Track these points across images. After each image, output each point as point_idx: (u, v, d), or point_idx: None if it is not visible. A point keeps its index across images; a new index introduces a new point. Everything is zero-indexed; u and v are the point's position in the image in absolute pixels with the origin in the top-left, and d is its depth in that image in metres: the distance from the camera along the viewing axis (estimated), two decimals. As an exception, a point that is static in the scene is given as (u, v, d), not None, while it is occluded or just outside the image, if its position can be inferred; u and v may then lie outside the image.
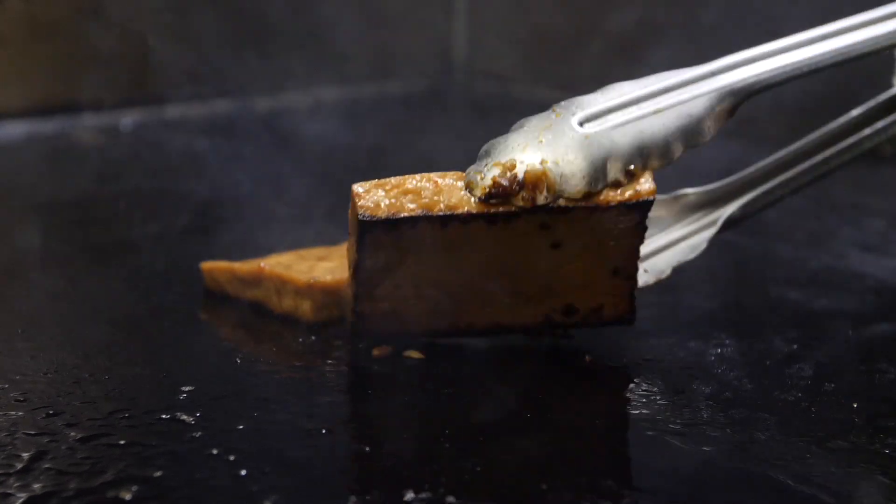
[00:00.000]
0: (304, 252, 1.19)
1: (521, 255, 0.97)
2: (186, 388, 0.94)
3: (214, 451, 0.84)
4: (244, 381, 0.98)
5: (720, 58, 1.01)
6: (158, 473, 0.81)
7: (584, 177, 0.94)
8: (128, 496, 0.77)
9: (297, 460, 0.83)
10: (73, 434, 0.86)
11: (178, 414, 0.90)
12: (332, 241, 1.23)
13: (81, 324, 1.12)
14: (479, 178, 0.94)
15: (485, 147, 0.96)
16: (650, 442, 0.89)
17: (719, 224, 1.12)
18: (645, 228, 0.97)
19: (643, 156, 0.96)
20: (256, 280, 1.13)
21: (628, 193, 0.94)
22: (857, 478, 0.84)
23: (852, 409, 0.94)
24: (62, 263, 1.34)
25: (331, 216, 1.54)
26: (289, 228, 1.46)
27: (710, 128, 1.00)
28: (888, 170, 1.89)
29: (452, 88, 2.72)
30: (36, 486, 0.79)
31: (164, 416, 0.89)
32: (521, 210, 0.93)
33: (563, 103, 0.98)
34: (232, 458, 0.83)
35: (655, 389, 0.98)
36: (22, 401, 0.92)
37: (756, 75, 1.00)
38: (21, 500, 0.77)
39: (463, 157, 0.98)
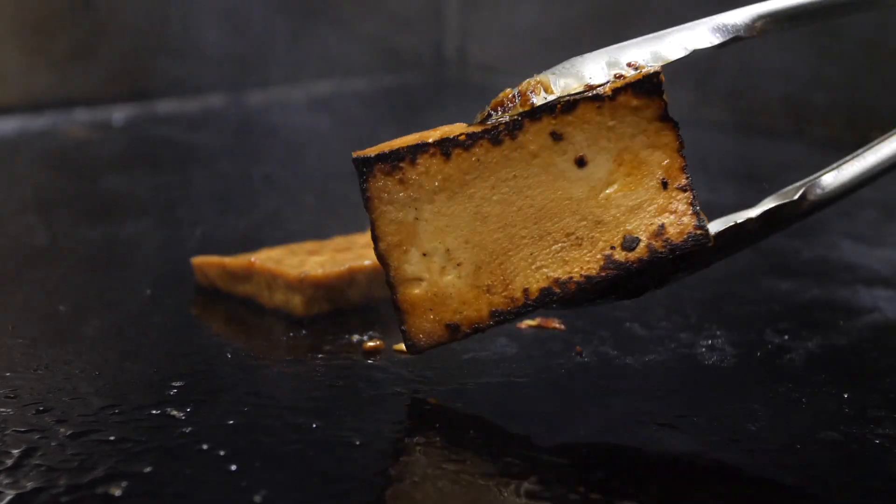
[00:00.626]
0: (294, 246, 1.19)
1: (548, 183, 0.87)
2: (176, 384, 0.94)
3: (205, 447, 0.84)
4: (234, 376, 0.98)
5: None
6: (148, 469, 0.81)
7: (582, 74, 0.88)
8: (118, 492, 0.77)
9: (288, 455, 0.83)
10: (63, 430, 0.86)
11: (169, 409, 0.89)
12: (324, 236, 1.23)
13: (72, 320, 1.12)
14: (478, 115, 0.89)
15: None
16: (640, 433, 0.89)
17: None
18: (673, 122, 0.88)
19: (649, 49, 0.89)
20: (247, 275, 1.13)
21: (631, 74, 0.87)
22: (849, 468, 0.84)
23: (843, 399, 0.94)
24: (53, 259, 1.33)
25: (322, 210, 1.54)
26: (280, 223, 1.46)
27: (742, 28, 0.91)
28: (880, 160, 1.89)
29: (447, 81, 2.72)
30: (26, 482, 0.78)
31: (154, 412, 0.89)
32: (522, 115, 0.86)
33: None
34: (222, 453, 0.83)
35: (646, 381, 0.98)
36: (12, 397, 0.92)
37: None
38: (11, 497, 0.76)
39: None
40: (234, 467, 0.81)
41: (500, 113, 0.88)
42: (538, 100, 0.87)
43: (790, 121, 2.12)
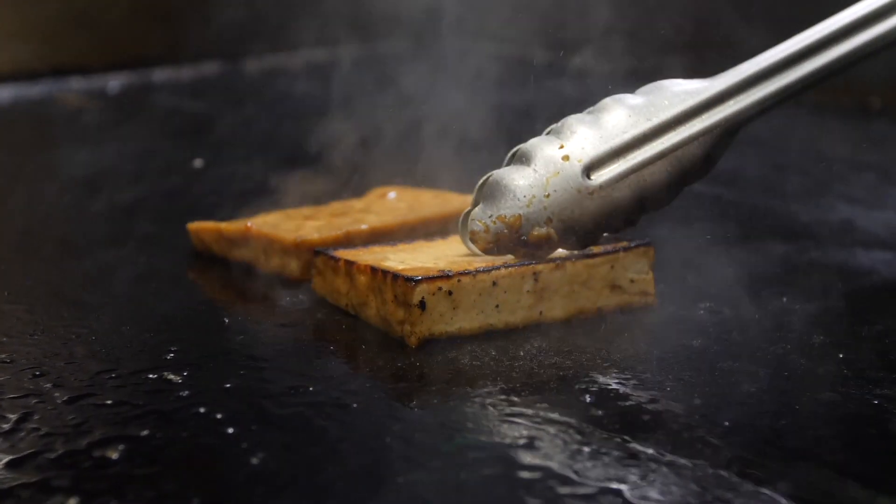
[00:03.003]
0: (291, 211, 1.18)
1: None
2: (173, 348, 0.94)
3: (202, 410, 0.83)
4: (231, 340, 0.98)
5: (717, 77, 0.99)
6: (146, 433, 0.80)
7: (586, 234, 0.97)
8: (114, 455, 0.77)
9: (285, 418, 0.83)
10: (59, 395, 0.86)
11: (165, 373, 0.89)
12: (319, 201, 1.23)
13: (68, 286, 1.11)
14: (482, 229, 0.96)
15: (487, 184, 0.96)
16: (638, 396, 0.88)
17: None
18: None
19: (643, 207, 0.97)
20: (243, 240, 1.13)
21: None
22: (847, 428, 0.84)
23: (841, 360, 0.94)
24: (49, 226, 1.33)
25: (318, 175, 1.53)
26: (276, 188, 1.45)
27: (709, 164, 0.99)
28: (879, 124, 1.89)
29: (441, 47, 2.71)
30: (23, 446, 0.78)
31: (151, 376, 0.89)
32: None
33: (562, 128, 0.97)
34: (219, 416, 0.82)
35: (645, 344, 0.98)
36: (8, 362, 0.92)
37: (753, 103, 0.99)
38: (8, 461, 0.76)
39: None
40: (231, 430, 0.81)
41: (503, 247, 0.97)
42: (542, 255, 0.98)
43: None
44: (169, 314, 1.04)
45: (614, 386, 0.90)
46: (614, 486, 0.75)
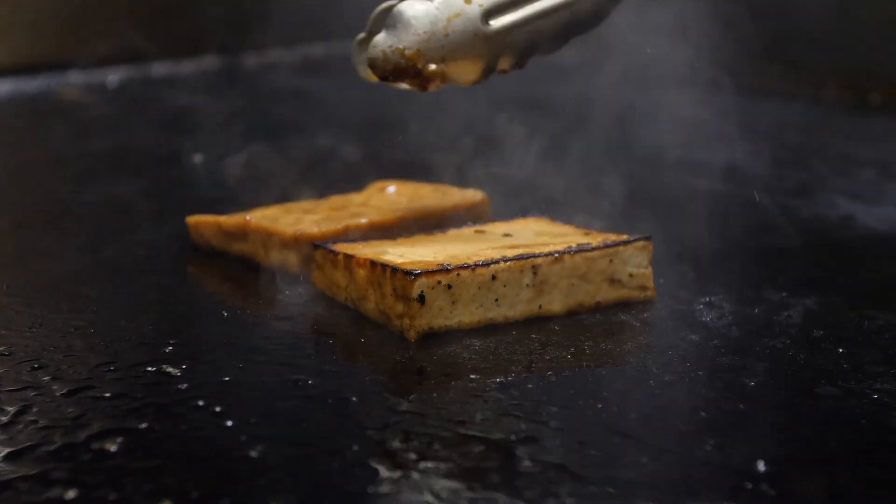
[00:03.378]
0: (290, 205, 1.18)
1: None
2: (172, 341, 0.94)
3: (200, 403, 0.83)
4: (230, 333, 0.98)
5: None
6: (144, 425, 0.80)
7: (477, 72, 1.02)
8: (113, 448, 0.77)
9: (284, 411, 0.83)
10: (57, 387, 0.86)
11: (164, 366, 0.89)
12: (319, 195, 1.23)
13: (67, 278, 1.11)
14: (381, 58, 1.00)
15: (391, 13, 1.01)
16: (638, 389, 0.88)
17: None
18: None
19: (533, 53, 1.03)
20: (242, 233, 1.13)
21: None
22: (847, 422, 0.84)
23: (840, 354, 0.94)
24: (48, 220, 1.33)
25: (316, 169, 1.53)
26: (274, 183, 1.45)
27: (599, 18, 1.05)
28: (878, 119, 1.89)
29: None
30: (21, 438, 0.78)
31: (149, 369, 0.89)
32: None
33: None
34: (218, 409, 0.82)
35: (644, 338, 0.98)
36: (7, 355, 0.91)
37: None
38: (6, 454, 0.76)
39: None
40: (230, 423, 0.80)
41: (398, 75, 1.01)
42: (432, 87, 1.02)
43: (787, 79, 2.11)
44: (168, 307, 1.04)
45: (613, 380, 0.90)
46: (614, 480, 0.75)
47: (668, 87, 2.05)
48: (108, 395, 0.85)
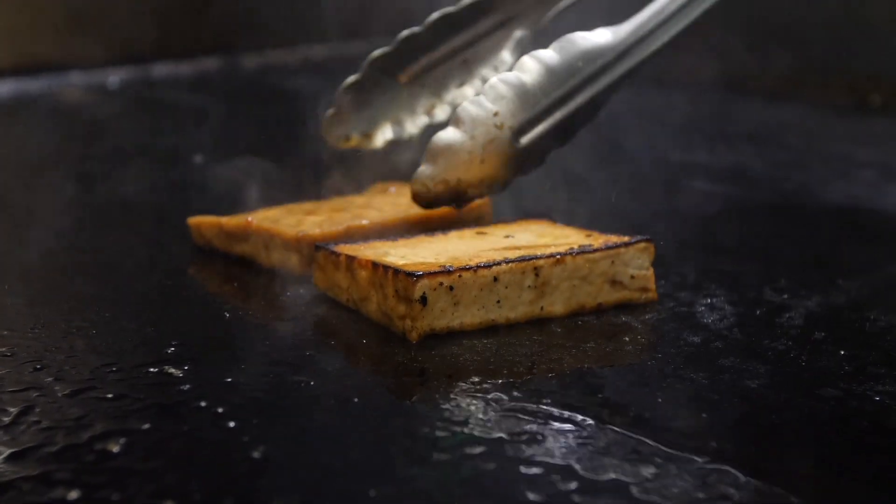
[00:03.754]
0: (292, 206, 1.18)
1: None
2: (174, 342, 0.94)
3: (203, 404, 0.83)
4: (232, 334, 0.98)
5: (619, 27, 1.10)
6: (147, 426, 0.80)
7: (509, 182, 1.10)
8: (115, 449, 0.77)
9: (286, 411, 0.83)
10: (60, 388, 0.86)
11: (167, 367, 0.89)
12: (320, 196, 1.23)
13: (69, 279, 1.11)
14: (423, 191, 1.07)
15: (432, 146, 1.07)
16: (640, 391, 0.88)
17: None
18: None
19: (551, 150, 1.11)
20: (244, 234, 1.13)
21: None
22: (849, 424, 0.84)
23: (842, 356, 0.94)
24: (50, 220, 1.33)
25: (318, 171, 1.53)
26: (276, 184, 1.45)
27: (599, 109, 1.11)
28: (879, 121, 1.89)
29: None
30: (24, 439, 0.78)
31: (152, 370, 0.89)
32: None
33: (490, 91, 1.07)
34: (220, 410, 0.82)
35: (645, 339, 0.98)
36: (9, 356, 0.92)
37: (649, 55, 1.11)
38: (8, 454, 0.76)
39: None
40: (232, 424, 0.80)
41: (442, 204, 1.10)
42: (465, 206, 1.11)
43: (787, 81, 2.11)
44: (170, 308, 1.04)
45: (615, 381, 0.90)
46: (617, 481, 0.75)
47: (669, 88, 2.05)
48: (110, 395, 0.85)
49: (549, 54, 1.09)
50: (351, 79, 1.19)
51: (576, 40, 1.09)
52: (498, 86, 1.08)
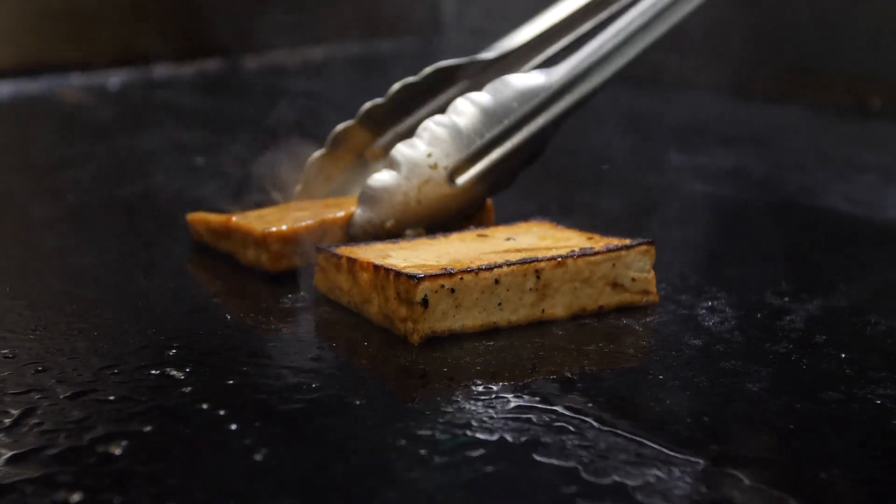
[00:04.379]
0: (288, 205, 1.19)
1: None
2: (176, 344, 0.94)
3: (204, 406, 0.83)
4: (233, 336, 0.98)
5: (554, 69, 1.13)
6: (148, 428, 0.80)
7: (451, 221, 1.12)
8: (117, 451, 0.77)
9: (288, 414, 0.83)
10: (62, 390, 0.86)
11: (168, 370, 0.89)
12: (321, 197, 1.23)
13: (70, 281, 1.11)
14: (361, 234, 1.10)
15: (366, 190, 1.10)
16: (641, 394, 0.89)
17: None
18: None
19: (492, 193, 1.15)
20: (226, 232, 1.13)
21: None
22: (850, 427, 0.84)
23: (843, 360, 0.94)
24: (50, 222, 1.33)
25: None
26: (277, 184, 1.45)
27: (544, 147, 1.15)
28: (879, 124, 1.89)
29: (443, 46, 2.71)
30: (26, 441, 0.78)
31: (153, 372, 0.89)
32: None
33: (424, 133, 1.10)
34: (222, 412, 0.82)
35: (646, 342, 0.98)
36: (11, 358, 0.92)
37: (586, 94, 1.13)
38: (10, 456, 0.76)
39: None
40: (234, 426, 0.81)
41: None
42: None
43: (788, 84, 2.11)
44: (171, 310, 1.04)
45: (616, 384, 0.90)
46: (619, 484, 0.75)
47: (669, 90, 2.05)
48: (112, 398, 0.85)
49: (484, 96, 1.12)
50: (318, 153, 1.19)
51: (510, 81, 1.13)
52: (432, 128, 1.11)
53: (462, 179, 1.12)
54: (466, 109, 1.11)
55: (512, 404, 0.85)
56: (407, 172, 1.10)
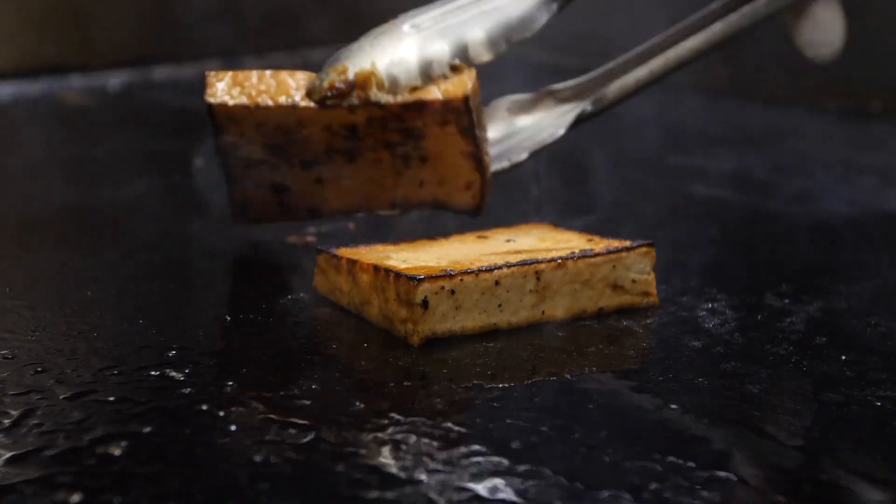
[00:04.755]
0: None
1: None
2: (175, 345, 0.94)
3: (204, 407, 0.83)
4: (233, 337, 0.98)
5: None
6: (148, 429, 0.80)
7: (410, 74, 1.06)
8: (117, 452, 0.77)
9: (287, 416, 0.83)
10: (61, 391, 0.86)
11: (168, 370, 0.89)
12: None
13: (70, 282, 1.11)
14: (316, 83, 1.08)
15: (328, 60, 1.09)
16: (641, 396, 0.88)
17: (575, 114, 1.15)
18: (471, 135, 1.07)
19: (465, 53, 1.07)
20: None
21: (437, 93, 1.06)
22: (850, 429, 0.84)
23: (843, 361, 0.94)
24: (50, 223, 1.33)
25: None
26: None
27: (535, 23, 1.09)
28: (879, 126, 1.89)
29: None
30: (25, 442, 0.78)
31: (153, 373, 0.89)
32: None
33: (404, 14, 1.09)
34: (222, 413, 0.82)
35: (646, 343, 0.98)
36: (10, 358, 0.91)
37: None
38: (9, 457, 0.76)
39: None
40: (233, 427, 0.80)
41: (335, 91, 1.08)
42: (373, 96, 1.07)
43: (788, 86, 2.11)
44: (171, 311, 1.04)
45: (616, 387, 0.90)
46: (617, 487, 0.75)
47: (670, 92, 2.05)
48: (111, 398, 0.85)
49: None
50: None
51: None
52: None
53: (415, 21, 1.09)
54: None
55: (511, 405, 0.85)
56: (365, 35, 1.09)
